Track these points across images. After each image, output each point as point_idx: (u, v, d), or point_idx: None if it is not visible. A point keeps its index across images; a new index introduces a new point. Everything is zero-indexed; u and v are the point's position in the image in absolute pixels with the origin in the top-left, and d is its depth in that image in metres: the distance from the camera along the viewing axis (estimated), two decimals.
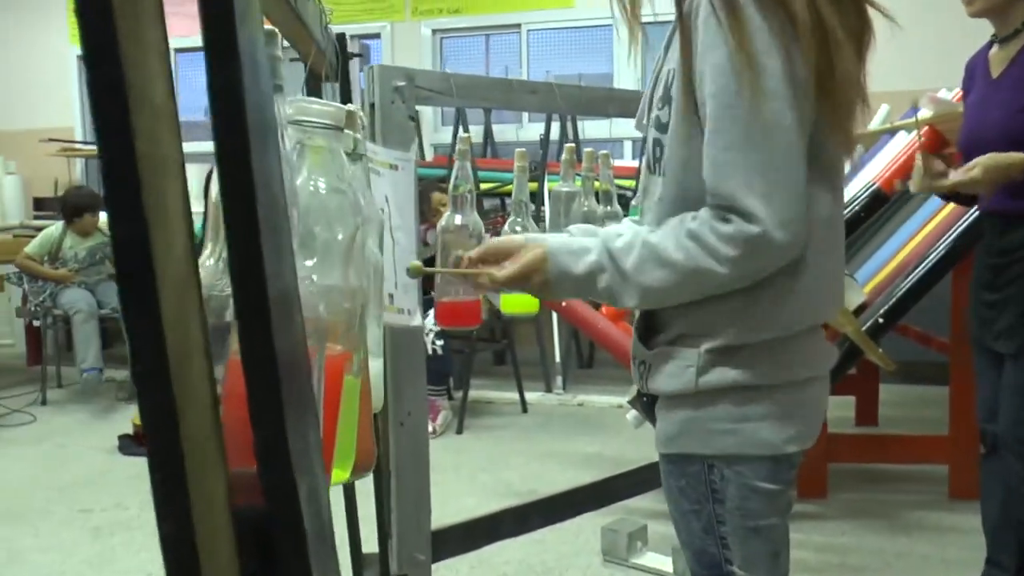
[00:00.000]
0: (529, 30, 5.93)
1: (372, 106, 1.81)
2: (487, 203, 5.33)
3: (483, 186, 5.07)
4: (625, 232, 1.15)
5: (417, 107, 5.76)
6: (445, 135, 5.84)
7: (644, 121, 1.25)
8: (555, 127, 5.30)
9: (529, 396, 4.97)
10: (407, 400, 1.86)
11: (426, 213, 4.51)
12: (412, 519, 1.88)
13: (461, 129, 5.23)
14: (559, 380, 5.18)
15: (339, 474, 0.86)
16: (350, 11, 6.14)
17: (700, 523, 1.21)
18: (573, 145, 2.07)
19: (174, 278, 0.45)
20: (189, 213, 0.45)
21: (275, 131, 0.51)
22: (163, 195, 0.44)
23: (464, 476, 3.80)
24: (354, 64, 2.04)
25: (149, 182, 0.43)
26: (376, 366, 1.09)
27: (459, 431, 4.44)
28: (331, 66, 1.48)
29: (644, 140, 1.24)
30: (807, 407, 1.18)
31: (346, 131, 0.91)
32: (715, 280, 1.08)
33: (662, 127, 1.15)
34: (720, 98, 1.05)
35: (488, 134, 5.51)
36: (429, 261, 1.65)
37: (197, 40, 0.43)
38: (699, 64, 1.08)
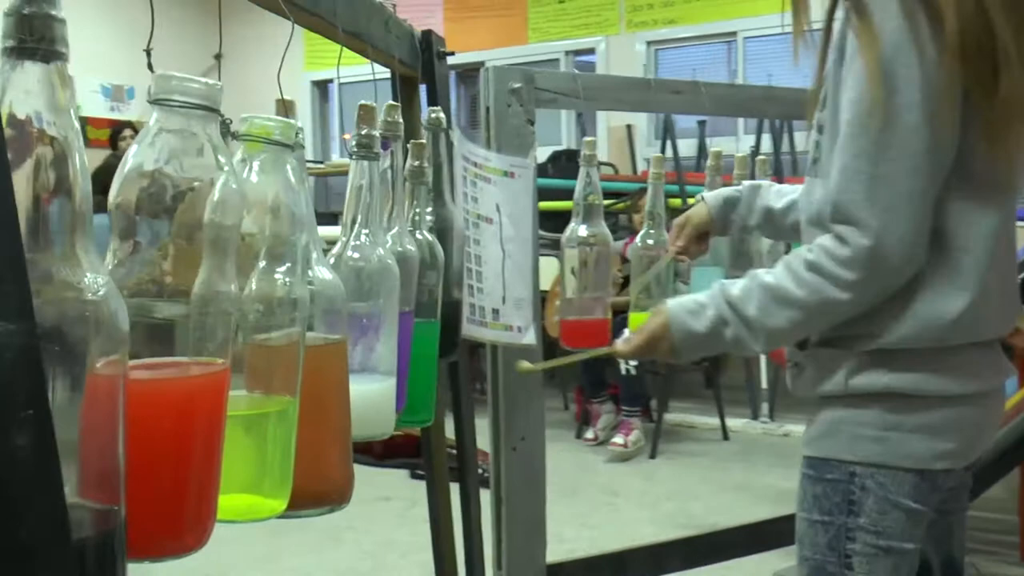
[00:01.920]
0: (745, 38, 5.64)
1: (487, 110, 1.72)
2: None
3: (691, 201, 4.86)
4: (740, 280, 1.16)
5: (629, 122, 5.64)
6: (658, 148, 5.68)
7: (811, 122, 1.23)
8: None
9: (732, 423, 4.69)
10: (519, 425, 1.75)
11: (635, 212, 4.46)
12: (524, 551, 1.76)
13: (658, 143, 5.05)
14: (766, 407, 4.86)
15: (266, 504, 0.77)
16: (565, 27, 6.13)
17: (827, 536, 1.13)
18: (719, 150, 1.88)
19: None
20: None
21: None
22: None
23: (647, 503, 3.62)
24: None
25: None
26: (369, 388, 0.99)
27: (652, 455, 4.26)
28: (404, 64, 1.40)
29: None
30: (965, 424, 1.12)
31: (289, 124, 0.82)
32: (840, 308, 1.08)
33: (822, 129, 1.15)
34: (855, 106, 1.04)
35: (702, 148, 5.28)
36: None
37: None
38: (844, 71, 1.07)
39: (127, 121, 6.09)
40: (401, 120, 1.12)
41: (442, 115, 1.39)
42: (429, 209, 1.34)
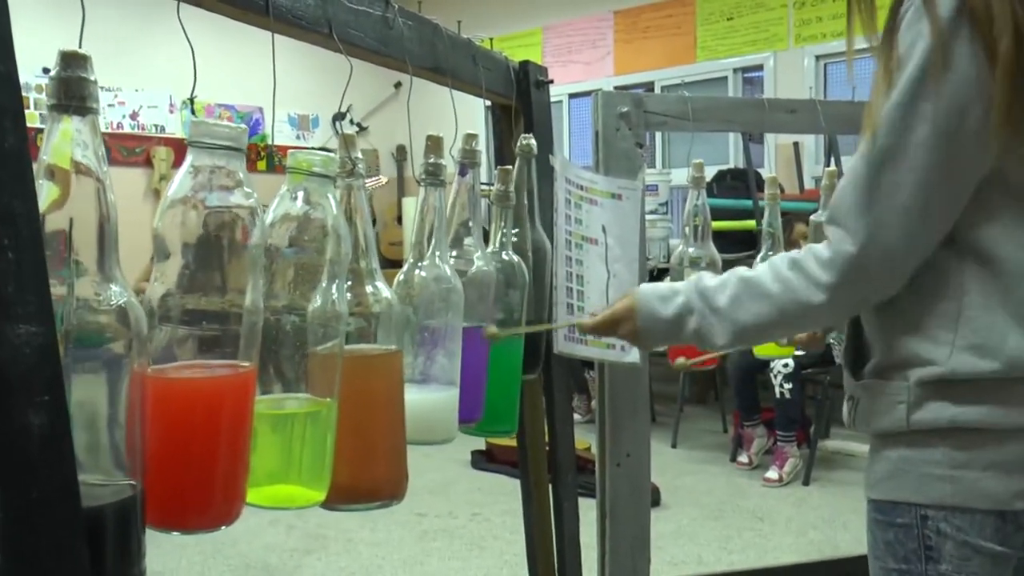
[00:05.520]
0: None
1: (596, 134, 1.77)
2: None
3: None
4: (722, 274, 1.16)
5: (797, 139, 5.51)
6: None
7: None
8: None
9: None
10: (625, 440, 1.78)
11: (787, 245, 4.32)
12: (627, 567, 1.79)
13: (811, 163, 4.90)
14: None
15: (303, 494, 0.85)
16: (734, 44, 6.07)
17: None
18: (834, 170, 1.86)
19: None
20: None
21: None
22: None
23: (792, 530, 3.54)
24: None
25: None
26: (428, 397, 1.07)
27: (805, 482, 4.14)
28: (498, 95, 1.48)
29: None
30: None
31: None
32: (812, 311, 1.06)
33: None
34: (877, 113, 1.01)
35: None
36: None
37: None
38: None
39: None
40: (479, 148, 1.20)
41: (533, 142, 1.46)
42: (516, 231, 1.41)
